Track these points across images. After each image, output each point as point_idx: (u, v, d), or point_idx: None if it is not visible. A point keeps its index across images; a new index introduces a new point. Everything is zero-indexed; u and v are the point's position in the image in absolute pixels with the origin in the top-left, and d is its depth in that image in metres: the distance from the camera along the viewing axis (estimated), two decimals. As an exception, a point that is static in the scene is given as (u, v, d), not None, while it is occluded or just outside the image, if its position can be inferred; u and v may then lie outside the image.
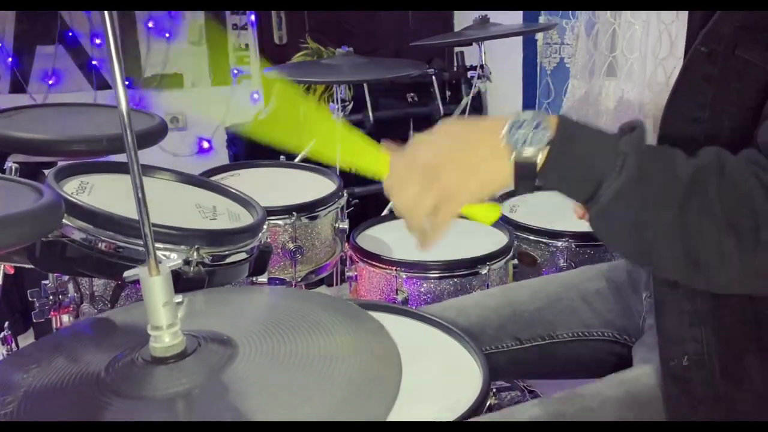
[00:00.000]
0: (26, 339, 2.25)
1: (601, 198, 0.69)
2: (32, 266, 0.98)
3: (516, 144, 0.71)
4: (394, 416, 0.52)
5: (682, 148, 0.77)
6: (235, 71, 3.34)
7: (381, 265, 1.45)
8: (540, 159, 0.70)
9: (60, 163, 1.13)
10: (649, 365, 0.92)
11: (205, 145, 3.32)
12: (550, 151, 0.70)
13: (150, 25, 3.15)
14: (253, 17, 3.26)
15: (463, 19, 3.26)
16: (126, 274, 0.58)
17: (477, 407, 0.83)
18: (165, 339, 0.57)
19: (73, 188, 1.06)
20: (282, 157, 2.02)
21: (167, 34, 3.19)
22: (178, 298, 0.59)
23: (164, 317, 0.57)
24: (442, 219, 0.74)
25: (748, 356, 0.81)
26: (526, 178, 0.72)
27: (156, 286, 0.56)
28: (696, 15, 0.86)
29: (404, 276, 1.42)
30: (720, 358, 0.82)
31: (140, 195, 0.56)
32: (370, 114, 2.45)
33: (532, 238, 1.59)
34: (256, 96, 3.36)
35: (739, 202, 0.66)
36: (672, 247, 0.68)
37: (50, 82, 3.08)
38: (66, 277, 1.25)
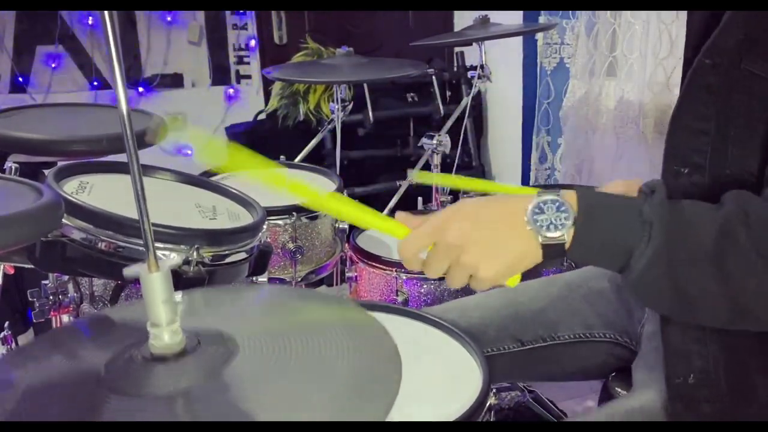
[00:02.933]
0: (26, 339, 2.25)
1: (635, 268, 0.70)
2: (32, 266, 0.98)
3: (540, 228, 0.72)
4: (394, 416, 0.52)
5: (689, 159, 0.78)
6: (235, 71, 3.35)
7: (381, 266, 1.45)
8: (567, 239, 0.72)
9: (60, 163, 1.13)
10: (651, 389, 0.91)
11: (188, 151, 3.32)
12: (576, 231, 0.72)
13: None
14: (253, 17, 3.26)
15: (463, 19, 3.26)
16: (126, 270, 0.58)
17: (477, 407, 0.83)
18: (164, 337, 0.57)
19: (72, 188, 1.06)
20: (282, 157, 2.02)
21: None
22: (178, 295, 0.58)
23: (164, 315, 0.57)
24: (478, 289, 0.79)
25: (754, 373, 0.81)
26: (556, 257, 0.74)
27: (156, 282, 0.56)
28: (695, 19, 0.86)
29: (404, 277, 1.42)
30: (726, 376, 0.82)
31: (140, 194, 0.56)
32: (370, 114, 2.45)
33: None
34: (256, 95, 3.36)
35: None
36: (715, 299, 0.70)
37: (50, 81, 3.08)
38: (66, 277, 1.25)
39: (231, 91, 3.33)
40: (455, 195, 1.88)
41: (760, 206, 0.70)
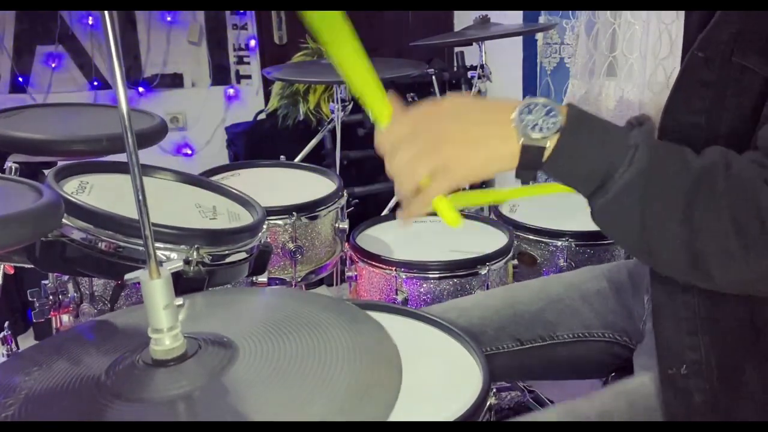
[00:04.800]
0: (26, 339, 2.25)
1: (610, 190, 0.68)
2: (32, 266, 0.98)
3: (525, 128, 0.70)
4: (394, 416, 0.52)
5: None
6: (235, 71, 3.35)
7: (381, 265, 1.45)
8: (549, 145, 0.70)
9: (60, 163, 1.13)
10: (649, 373, 0.92)
11: (188, 151, 3.32)
12: (560, 139, 0.69)
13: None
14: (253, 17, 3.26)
15: (463, 19, 3.26)
16: (127, 276, 0.58)
17: (477, 407, 0.83)
18: (165, 342, 0.57)
19: (72, 188, 1.06)
20: (282, 157, 2.02)
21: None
22: (179, 300, 0.59)
23: (165, 320, 0.57)
24: (433, 191, 0.73)
25: (746, 365, 0.81)
26: (530, 165, 0.71)
27: (156, 289, 0.56)
28: (693, 18, 0.86)
29: (404, 276, 1.42)
30: (718, 367, 0.82)
31: (141, 197, 0.56)
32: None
33: (531, 237, 1.59)
34: (256, 95, 3.36)
35: (746, 201, 0.66)
36: (674, 242, 0.68)
37: (50, 81, 3.08)
38: (66, 277, 1.25)
39: (231, 91, 3.33)
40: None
41: (743, 163, 0.68)
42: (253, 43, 3.30)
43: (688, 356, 0.83)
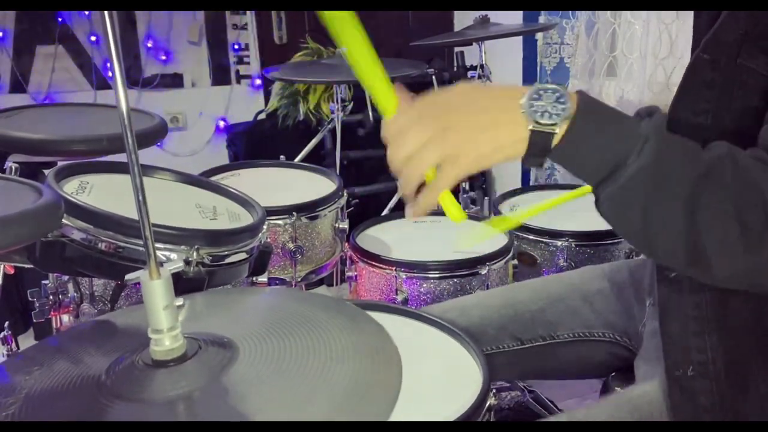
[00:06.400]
0: (26, 339, 2.25)
1: (619, 179, 0.67)
2: (32, 266, 0.98)
3: (534, 113, 0.69)
4: (394, 416, 0.52)
5: None
6: (235, 71, 3.35)
7: (381, 265, 1.45)
8: (558, 132, 0.68)
9: (60, 163, 1.13)
10: (653, 380, 0.91)
11: (221, 123, 3.31)
12: (570, 126, 0.68)
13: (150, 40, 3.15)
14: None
15: (463, 19, 3.26)
16: (127, 277, 0.58)
17: (477, 407, 0.83)
18: (166, 342, 0.57)
19: (73, 188, 1.06)
20: (282, 157, 2.02)
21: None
22: (179, 301, 0.59)
23: (165, 320, 0.57)
24: (443, 181, 0.72)
25: (754, 365, 0.81)
26: (539, 152, 0.70)
27: (157, 289, 0.56)
28: (702, 18, 0.86)
29: (404, 276, 1.42)
30: (725, 368, 0.81)
31: (141, 197, 0.56)
32: (370, 114, 2.45)
33: (531, 237, 1.59)
34: (256, 96, 3.36)
35: (750, 195, 0.65)
36: (676, 233, 0.67)
37: (50, 81, 3.08)
38: (66, 277, 1.25)
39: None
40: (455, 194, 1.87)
41: (748, 159, 0.68)
42: (253, 43, 3.30)
43: (695, 357, 0.83)
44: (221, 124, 3.34)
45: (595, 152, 0.69)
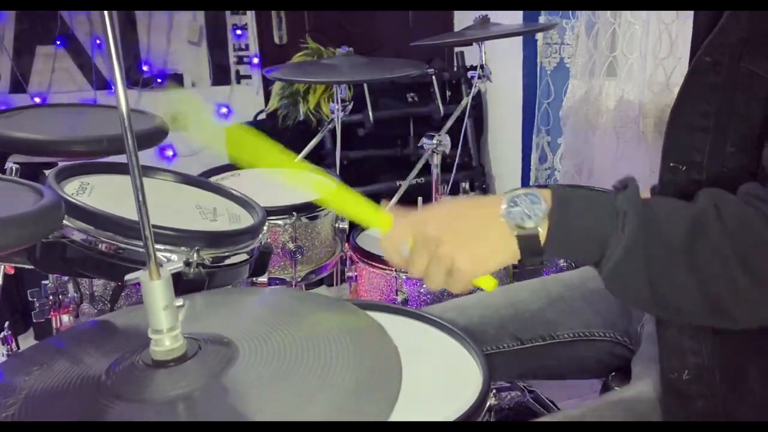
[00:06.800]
0: (26, 339, 2.25)
1: (610, 260, 0.70)
2: (33, 267, 0.98)
3: (515, 220, 0.72)
4: (394, 416, 0.52)
5: (687, 156, 0.78)
6: (235, 71, 3.35)
7: (381, 266, 1.46)
8: (542, 231, 0.72)
9: (60, 164, 1.13)
10: (647, 380, 0.92)
11: (169, 153, 3.30)
12: (551, 223, 0.72)
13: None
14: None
15: (463, 19, 3.26)
16: (127, 277, 0.58)
17: (477, 407, 0.83)
18: (166, 342, 0.57)
19: (73, 189, 1.06)
20: (282, 157, 2.02)
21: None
22: (179, 301, 0.59)
23: (165, 321, 0.57)
24: (455, 290, 0.77)
25: (750, 369, 0.81)
26: (532, 252, 0.73)
27: (157, 289, 0.56)
28: (701, 19, 0.86)
29: (404, 276, 1.42)
30: (721, 373, 0.81)
31: (141, 198, 0.56)
32: (370, 114, 2.45)
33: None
34: (256, 95, 3.36)
35: (745, 238, 0.67)
36: (688, 293, 0.69)
37: (50, 81, 3.08)
38: (66, 278, 1.25)
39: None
40: (455, 194, 1.88)
41: (733, 202, 0.69)
42: (253, 42, 3.30)
43: (690, 360, 0.83)
44: (223, 110, 3.33)
45: (581, 240, 0.73)
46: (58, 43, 3.01)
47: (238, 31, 3.28)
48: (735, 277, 0.67)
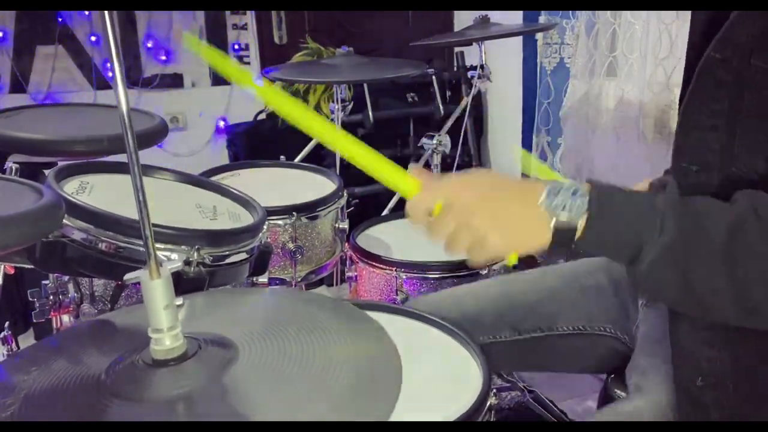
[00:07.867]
0: (26, 339, 2.25)
1: (644, 260, 0.70)
2: (33, 266, 0.98)
3: (555, 210, 0.72)
4: (394, 416, 0.52)
5: (700, 157, 0.77)
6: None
7: (381, 266, 1.45)
8: (580, 225, 0.71)
9: (60, 163, 1.13)
10: (645, 398, 0.90)
11: (221, 124, 3.32)
12: (590, 218, 0.71)
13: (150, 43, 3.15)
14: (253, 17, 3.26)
15: (463, 19, 3.26)
16: (127, 276, 0.58)
17: (477, 407, 0.83)
18: (166, 342, 0.57)
19: (73, 188, 1.06)
20: (282, 157, 2.02)
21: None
22: (179, 300, 0.59)
23: (165, 320, 0.57)
24: (475, 261, 0.76)
25: (765, 378, 0.80)
26: (564, 244, 0.73)
27: (157, 289, 0.56)
28: (698, 16, 0.85)
29: (404, 276, 1.42)
30: (736, 380, 0.81)
31: (141, 197, 0.56)
32: (370, 114, 2.45)
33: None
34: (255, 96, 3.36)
35: None
36: (725, 296, 0.69)
37: (50, 81, 3.08)
38: (66, 277, 1.25)
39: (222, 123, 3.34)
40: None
41: None
42: (253, 43, 3.30)
43: (705, 368, 0.82)
44: (221, 124, 3.34)
45: (617, 238, 0.72)
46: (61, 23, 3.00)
47: (238, 31, 3.28)
48: None
